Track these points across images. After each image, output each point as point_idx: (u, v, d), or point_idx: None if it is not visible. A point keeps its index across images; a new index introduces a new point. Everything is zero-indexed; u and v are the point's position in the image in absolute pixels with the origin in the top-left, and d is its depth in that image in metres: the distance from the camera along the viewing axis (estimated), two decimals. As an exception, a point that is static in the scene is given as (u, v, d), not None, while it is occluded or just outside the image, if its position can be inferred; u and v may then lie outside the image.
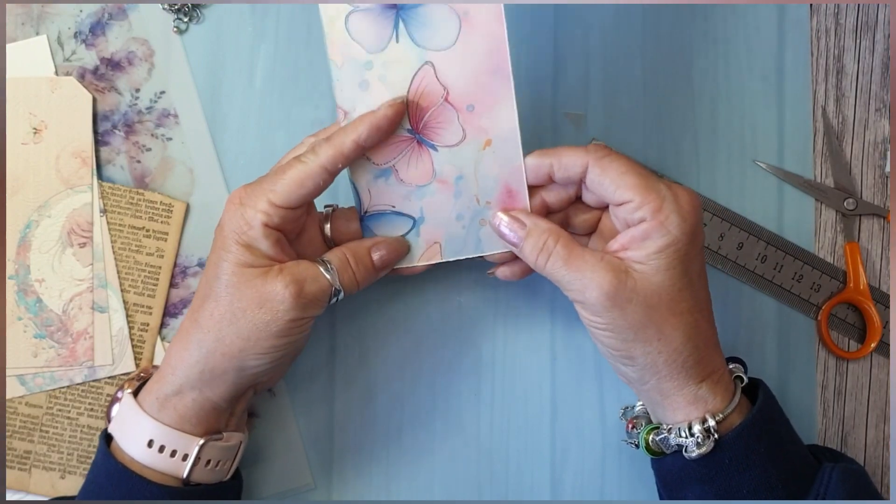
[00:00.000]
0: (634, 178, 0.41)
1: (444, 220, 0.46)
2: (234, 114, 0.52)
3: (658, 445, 0.43)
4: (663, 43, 0.53)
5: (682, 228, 0.40)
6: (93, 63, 0.51)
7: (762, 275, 0.53)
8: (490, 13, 0.41)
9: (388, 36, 0.42)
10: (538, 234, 0.42)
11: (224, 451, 0.43)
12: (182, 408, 0.42)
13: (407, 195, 0.45)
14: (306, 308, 0.41)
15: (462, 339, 0.52)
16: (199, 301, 0.42)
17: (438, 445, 0.51)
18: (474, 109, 0.43)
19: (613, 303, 0.40)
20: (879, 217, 0.54)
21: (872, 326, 0.53)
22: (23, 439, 0.50)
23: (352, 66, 0.42)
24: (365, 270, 0.44)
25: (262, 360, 0.41)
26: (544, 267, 0.42)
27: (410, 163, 0.45)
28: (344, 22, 0.41)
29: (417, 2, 0.41)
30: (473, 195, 0.45)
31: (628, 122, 0.53)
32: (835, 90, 0.54)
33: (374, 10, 0.41)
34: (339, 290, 0.43)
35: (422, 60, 0.42)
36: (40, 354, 0.50)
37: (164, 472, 0.42)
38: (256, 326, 0.40)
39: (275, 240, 0.41)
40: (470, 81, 0.42)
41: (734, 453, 0.41)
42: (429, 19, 0.41)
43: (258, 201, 0.41)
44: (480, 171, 0.44)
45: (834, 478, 0.42)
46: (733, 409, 0.42)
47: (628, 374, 0.43)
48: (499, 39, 0.41)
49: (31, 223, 0.50)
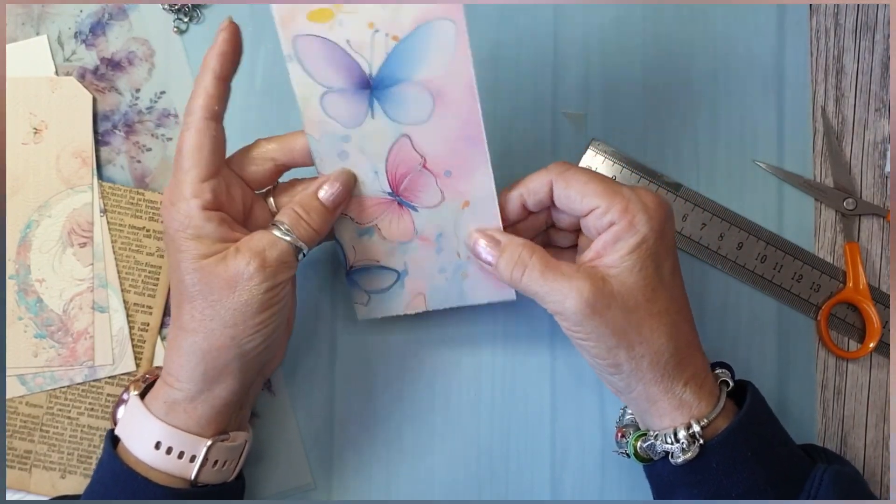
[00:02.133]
0: (597, 185, 0.42)
1: (427, 273, 0.47)
2: (235, 114, 0.52)
3: (646, 452, 0.43)
4: (663, 43, 0.53)
5: (649, 225, 0.41)
6: (93, 63, 0.51)
7: (762, 275, 0.53)
8: (464, 90, 0.41)
9: (363, 112, 0.42)
10: (513, 248, 0.43)
11: (231, 451, 0.44)
12: (193, 411, 0.42)
13: (391, 251, 0.46)
14: (276, 275, 0.41)
15: (462, 339, 0.52)
16: (176, 308, 0.42)
17: (438, 445, 0.51)
18: (451, 175, 0.44)
19: (593, 310, 0.40)
20: (879, 217, 0.54)
21: (872, 326, 0.53)
22: (23, 439, 0.50)
23: (329, 140, 0.43)
24: (318, 215, 0.43)
25: (256, 340, 0.41)
26: (520, 280, 0.42)
27: (392, 222, 0.45)
28: (319, 101, 0.42)
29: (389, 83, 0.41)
30: (454, 250, 0.46)
31: (628, 122, 0.53)
32: (834, 90, 0.54)
33: (347, 91, 0.41)
34: (301, 246, 0.42)
35: (398, 133, 0.43)
36: (40, 354, 0.50)
37: (171, 473, 0.42)
38: (237, 310, 0.40)
39: (219, 220, 0.41)
40: (446, 150, 0.43)
41: (720, 458, 0.41)
42: (402, 98, 0.41)
43: (182, 190, 0.40)
44: (460, 229, 0.45)
45: (825, 480, 0.42)
46: (718, 414, 0.42)
47: (616, 384, 0.43)
48: (472, 111, 0.41)
49: (31, 223, 0.50)
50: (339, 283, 0.52)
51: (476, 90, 0.41)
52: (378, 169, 0.44)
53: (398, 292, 0.47)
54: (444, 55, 0.40)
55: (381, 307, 0.48)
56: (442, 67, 0.40)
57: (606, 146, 0.52)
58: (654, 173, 0.52)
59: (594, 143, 0.53)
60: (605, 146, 0.52)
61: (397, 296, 0.48)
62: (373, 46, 0.40)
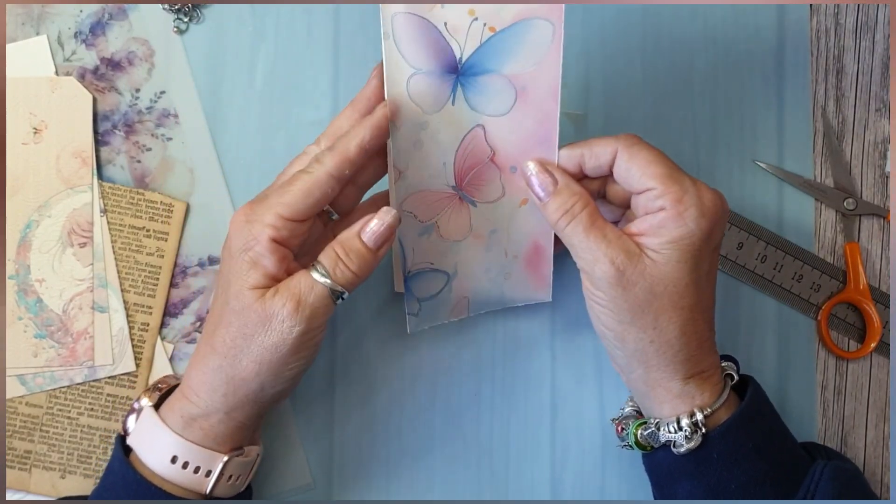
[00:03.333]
0: (660, 168, 0.41)
1: (473, 274, 0.47)
2: (234, 114, 0.52)
3: (647, 440, 0.43)
4: (663, 43, 0.53)
5: (699, 223, 0.41)
6: (93, 63, 0.51)
7: (762, 275, 0.53)
8: (548, 91, 0.42)
9: (445, 97, 0.42)
10: (568, 194, 0.42)
11: (244, 466, 0.44)
12: (209, 429, 0.42)
13: (444, 251, 0.46)
14: (311, 319, 0.40)
15: (462, 339, 0.52)
16: (213, 325, 0.42)
17: (438, 445, 0.51)
18: (517, 172, 0.44)
19: (619, 281, 0.40)
20: (879, 217, 0.54)
21: (872, 326, 0.53)
22: (23, 439, 0.50)
23: (408, 127, 0.42)
24: (358, 258, 0.41)
25: (281, 380, 0.41)
26: (564, 228, 0.42)
27: (451, 218, 0.45)
28: (405, 83, 0.42)
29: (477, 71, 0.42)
30: (503, 248, 0.46)
31: (628, 122, 0.53)
32: (835, 90, 0.54)
33: (434, 73, 0.41)
34: (341, 290, 0.41)
35: (474, 123, 0.43)
36: (40, 354, 0.50)
37: (185, 486, 0.41)
38: (267, 350, 0.40)
39: (280, 256, 0.40)
40: (517, 146, 0.43)
41: (722, 449, 0.41)
42: (486, 88, 0.42)
43: (265, 215, 0.40)
44: (514, 227, 0.46)
45: (825, 475, 0.42)
46: (721, 405, 0.42)
47: (618, 359, 0.43)
48: (551, 113, 0.42)
49: (31, 223, 0.50)
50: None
51: (560, 94, 0.42)
52: (447, 160, 0.44)
53: (446, 298, 0.47)
54: (536, 54, 0.41)
55: (430, 316, 0.48)
56: (532, 65, 0.41)
57: (606, 146, 0.52)
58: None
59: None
60: (605, 146, 0.52)
61: (445, 302, 0.47)
62: (468, 33, 0.41)
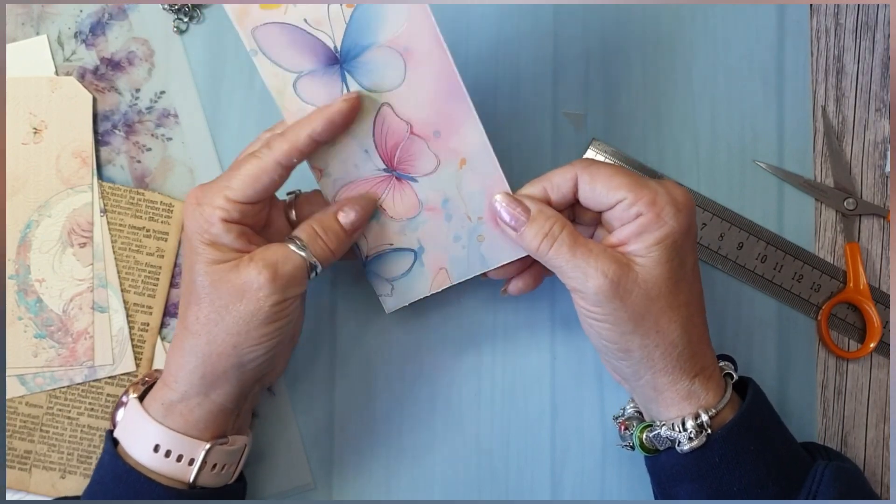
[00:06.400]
0: (624, 178, 0.41)
1: (443, 245, 0.46)
2: (234, 114, 0.52)
3: (651, 442, 0.43)
4: (663, 43, 0.53)
5: (677, 219, 0.41)
6: (93, 63, 0.51)
7: (762, 275, 0.53)
8: (430, 41, 0.40)
9: (338, 89, 0.42)
10: (543, 219, 0.42)
11: (229, 455, 0.44)
12: (189, 413, 0.42)
13: (401, 230, 0.46)
14: (286, 289, 0.41)
15: (462, 339, 0.52)
16: (184, 307, 0.42)
17: (438, 445, 0.51)
18: (441, 135, 0.43)
19: (615, 293, 0.40)
20: (879, 217, 0.54)
21: (872, 326, 0.53)
22: (23, 439, 0.50)
23: None
24: (335, 237, 0.43)
25: (258, 352, 0.41)
26: (547, 252, 0.42)
27: (395, 199, 0.45)
28: (293, 89, 0.41)
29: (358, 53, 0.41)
30: (464, 214, 0.45)
31: (628, 122, 0.53)
32: (835, 90, 0.54)
33: (317, 72, 0.41)
34: (315, 264, 0.42)
35: (378, 104, 0.42)
36: (40, 354, 0.50)
37: (170, 476, 0.42)
38: (242, 319, 0.40)
39: (238, 232, 0.41)
40: (429, 110, 0.42)
41: (724, 450, 0.41)
42: (373, 65, 0.41)
43: (214, 198, 0.40)
44: (464, 190, 0.44)
45: (826, 476, 0.42)
46: (724, 405, 0.42)
47: (623, 370, 0.43)
48: (444, 62, 0.41)
49: (31, 223, 0.50)
50: (339, 282, 0.52)
51: (442, 39, 0.40)
52: (367, 147, 0.43)
53: (419, 272, 0.47)
54: (401, 9, 0.40)
55: (406, 293, 0.47)
56: (403, 23, 0.40)
57: (606, 146, 0.52)
58: (654, 173, 0.52)
59: (594, 143, 0.53)
60: (605, 146, 0.52)
61: (419, 276, 0.47)
62: (331, 19, 0.40)
